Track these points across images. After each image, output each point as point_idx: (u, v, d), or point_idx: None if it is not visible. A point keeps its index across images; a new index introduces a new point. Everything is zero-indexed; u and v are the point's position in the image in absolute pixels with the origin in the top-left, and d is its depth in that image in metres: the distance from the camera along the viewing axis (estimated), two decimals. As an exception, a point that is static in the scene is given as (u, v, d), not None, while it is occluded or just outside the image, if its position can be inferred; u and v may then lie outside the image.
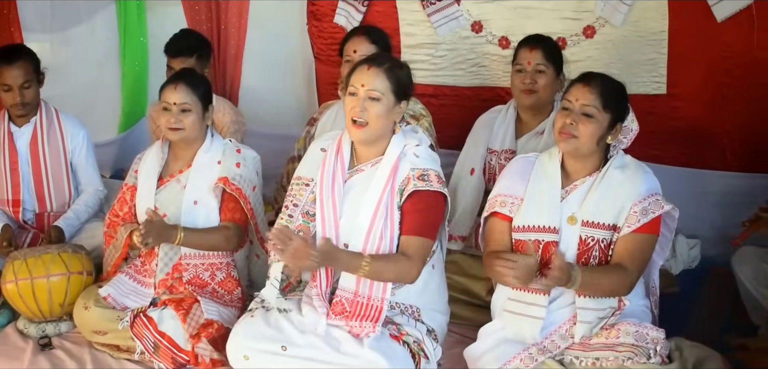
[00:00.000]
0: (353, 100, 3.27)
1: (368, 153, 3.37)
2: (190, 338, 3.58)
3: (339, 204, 3.34)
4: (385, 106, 3.25)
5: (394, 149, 3.32)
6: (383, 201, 3.26)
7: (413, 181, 3.25)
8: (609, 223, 3.22)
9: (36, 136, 4.50)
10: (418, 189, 3.25)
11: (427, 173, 3.28)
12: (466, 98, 5.06)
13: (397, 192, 3.28)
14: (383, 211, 3.25)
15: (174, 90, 3.80)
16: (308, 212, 3.40)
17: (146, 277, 3.87)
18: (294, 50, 5.61)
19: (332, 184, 3.36)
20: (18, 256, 3.91)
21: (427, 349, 3.27)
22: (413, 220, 3.24)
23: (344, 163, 3.40)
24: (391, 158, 3.31)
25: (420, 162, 3.31)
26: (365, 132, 3.27)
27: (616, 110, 3.25)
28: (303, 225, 3.37)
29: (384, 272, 3.18)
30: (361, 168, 3.38)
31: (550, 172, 3.35)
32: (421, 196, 3.25)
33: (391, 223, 3.26)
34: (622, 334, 3.13)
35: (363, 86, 3.25)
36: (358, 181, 3.36)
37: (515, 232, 3.33)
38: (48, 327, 3.91)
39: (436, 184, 3.26)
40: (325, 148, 3.48)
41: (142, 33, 5.92)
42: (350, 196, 3.35)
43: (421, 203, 3.25)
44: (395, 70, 3.30)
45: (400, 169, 3.30)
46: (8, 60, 4.34)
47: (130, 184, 4.01)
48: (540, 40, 4.14)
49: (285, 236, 3.03)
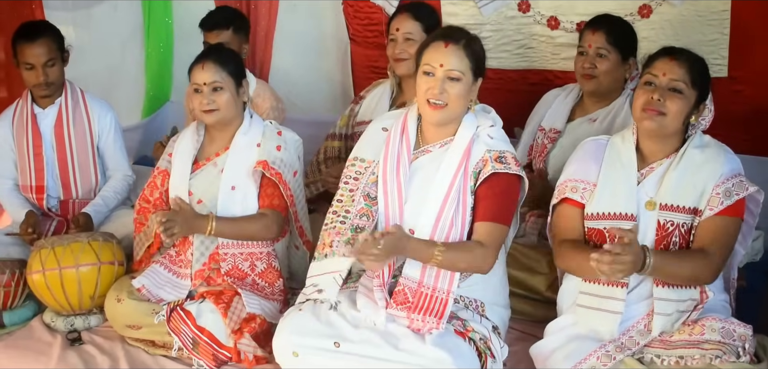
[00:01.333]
0: (430, 80, 3.07)
1: (438, 133, 3.19)
2: (231, 334, 3.39)
3: (404, 187, 3.16)
4: (465, 85, 3.09)
5: (467, 130, 3.14)
6: (455, 185, 3.08)
7: (491, 164, 3.08)
8: (689, 206, 3.03)
9: (61, 118, 4.32)
10: (496, 171, 3.06)
11: (504, 155, 3.11)
12: (512, 81, 4.84)
13: (471, 175, 3.10)
14: (455, 195, 3.07)
15: (202, 69, 3.61)
16: (369, 195, 3.23)
17: (182, 267, 3.67)
18: (328, 31, 5.41)
19: (397, 165, 3.19)
20: (45, 244, 3.71)
21: (494, 347, 3.09)
22: (489, 206, 3.07)
23: (410, 144, 3.23)
24: (464, 140, 3.13)
25: (495, 143, 3.13)
26: (444, 113, 3.09)
27: (702, 88, 3.08)
28: (365, 208, 3.20)
29: (457, 261, 3.00)
30: (428, 149, 3.20)
31: (624, 155, 3.16)
32: (499, 179, 3.08)
33: (463, 209, 3.08)
34: (708, 331, 2.92)
35: (442, 66, 3.05)
36: (425, 163, 3.18)
37: (588, 220, 3.14)
38: (77, 320, 3.72)
39: (514, 167, 3.09)
40: (387, 127, 3.30)
41: (167, 13, 5.73)
42: (417, 179, 3.17)
43: (498, 187, 3.08)
44: (472, 45, 3.13)
45: (473, 150, 3.12)
46: (30, 37, 4.15)
47: (162, 169, 3.82)
48: (604, 21, 3.97)
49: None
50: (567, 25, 4.62)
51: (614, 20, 4.01)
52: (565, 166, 3.31)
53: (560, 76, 4.67)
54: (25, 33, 4.18)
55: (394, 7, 4.91)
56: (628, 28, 4.03)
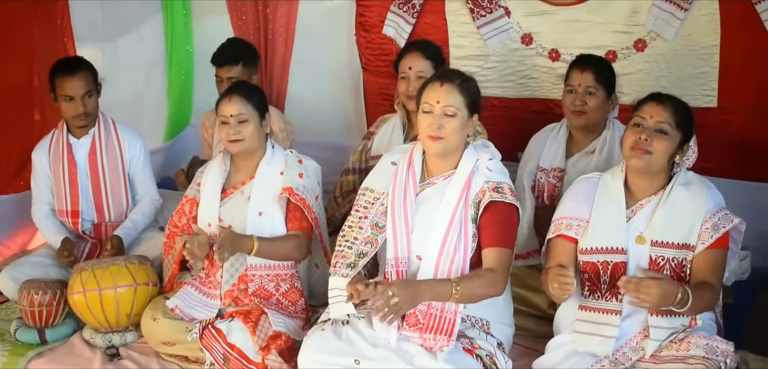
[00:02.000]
0: (429, 117, 3.32)
1: (441, 166, 3.42)
2: (259, 350, 3.62)
3: (411, 217, 3.39)
4: (460, 120, 3.32)
5: (467, 163, 3.38)
6: (457, 214, 3.31)
7: (489, 193, 3.31)
8: (679, 242, 3.27)
9: (94, 147, 4.56)
10: (494, 200, 3.30)
11: (501, 186, 3.34)
12: (516, 110, 5.09)
13: (471, 205, 3.33)
14: (457, 224, 3.30)
15: (229, 102, 3.85)
16: (377, 224, 3.45)
17: (212, 288, 3.92)
18: (341, 60, 5.63)
19: (404, 197, 3.41)
20: (85, 267, 3.95)
21: (499, 362, 3.31)
22: (493, 232, 3.30)
23: (416, 177, 3.46)
24: (465, 172, 3.36)
25: (493, 175, 3.36)
26: (442, 144, 3.32)
27: (686, 130, 3.32)
28: (371, 237, 3.42)
29: (473, 290, 3.22)
30: (433, 181, 3.43)
31: (614, 192, 3.39)
32: (498, 207, 3.31)
33: (465, 236, 3.30)
34: (693, 347, 3.17)
35: (438, 103, 3.31)
36: (430, 195, 3.41)
37: (582, 255, 3.38)
38: (114, 337, 3.95)
39: (510, 197, 3.32)
40: (395, 161, 3.53)
41: (188, 42, 5.98)
42: (422, 210, 3.40)
43: (498, 215, 3.30)
44: (466, 84, 3.38)
45: (473, 182, 3.35)
46: (70, 71, 4.39)
47: (190, 197, 4.06)
48: (591, 61, 4.19)
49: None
50: (567, 57, 4.83)
51: (599, 60, 4.24)
52: (560, 203, 3.55)
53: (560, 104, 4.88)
54: (63, 67, 4.42)
55: (404, 38, 5.17)
56: (610, 66, 4.25)
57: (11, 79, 4.95)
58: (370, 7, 5.37)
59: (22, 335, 4.01)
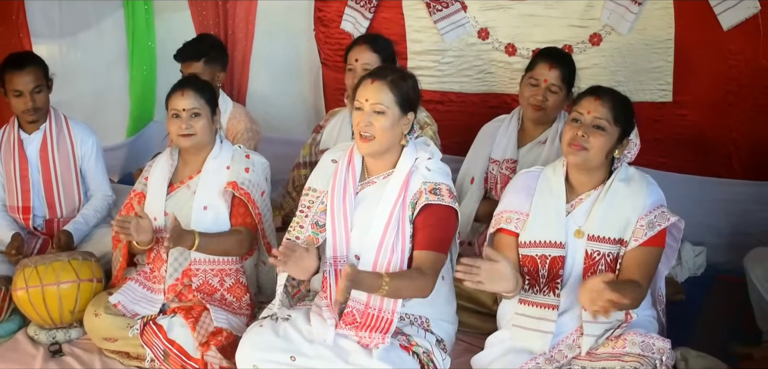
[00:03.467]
0: (359, 114, 3.27)
1: (379, 165, 3.38)
2: (199, 346, 3.60)
3: (350, 216, 3.36)
4: (390, 119, 3.25)
5: (406, 162, 3.32)
6: (395, 214, 3.27)
7: (425, 195, 3.26)
8: (615, 237, 3.24)
9: (46, 142, 4.52)
10: (430, 203, 3.25)
11: (439, 187, 3.29)
12: (473, 105, 5.08)
13: (408, 205, 3.29)
14: (395, 224, 3.26)
15: (182, 96, 3.83)
16: (318, 223, 3.42)
17: (156, 283, 3.90)
18: (301, 55, 5.64)
19: (343, 195, 3.38)
20: (28, 263, 3.93)
21: (436, 359, 3.28)
22: (426, 235, 3.25)
23: (356, 175, 3.41)
24: (403, 171, 3.31)
25: (432, 176, 3.31)
26: (372, 145, 3.27)
27: (625, 124, 3.27)
28: (312, 236, 3.39)
29: (402, 290, 3.17)
30: (373, 180, 3.39)
31: (554, 186, 3.36)
32: (433, 210, 3.26)
33: (402, 236, 3.27)
34: (629, 344, 3.14)
35: (367, 101, 3.25)
36: (369, 194, 3.38)
37: (522, 248, 3.35)
38: (58, 333, 3.93)
39: (447, 199, 3.27)
40: (336, 159, 3.49)
41: (151, 37, 5.96)
42: (361, 209, 3.37)
43: (433, 217, 3.25)
44: (399, 82, 3.30)
45: (411, 182, 3.31)
46: (19, 66, 4.36)
47: (138, 191, 4.04)
48: (560, 59, 4.16)
49: (289, 250, 3.10)
50: (523, 52, 4.88)
51: (567, 59, 4.21)
52: (501, 197, 3.51)
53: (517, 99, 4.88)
54: (13, 62, 4.39)
55: (361, 33, 5.15)
56: (574, 66, 4.20)
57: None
58: (329, 3, 5.37)
59: (-34, 332, 3.98)
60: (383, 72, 3.36)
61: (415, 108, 3.37)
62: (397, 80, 3.30)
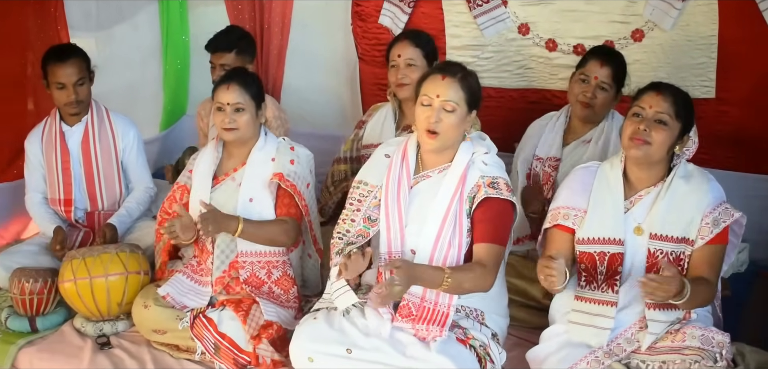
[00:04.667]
0: (427, 110, 3.27)
1: (435, 160, 3.38)
2: (250, 339, 3.61)
3: (405, 211, 3.35)
4: (459, 116, 3.27)
5: (463, 157, 3.33)
6: (452, 209, 3.27)
7: (484, 189, 3.26)
8: (678, 236, 3.23)
9: (87, 135, 4.53)
10: (489, 196, 3.26)
11: (496, 181, 3.29)
12: (512, 100, 5.05)
13: (466, 200, 3.29)
14: (452, 218, 3.26)
15: (227, 90, 3.82)
16: (370, 217, 3.42)
17: (203, 275, 3.90)
18: (337, 50, 5.60)
19: (398, 190, 3.38)
20: (76, 255, 3.93)
21: (493, 353, 3.29)
22: (486, 228, 3.25)
23: (410, 169, 3.41)
24: (460, 166, 3.32)
25: (489, 169, 3.32)
26: (439, 141, 3.28)
27: (686, 120, 3.27)
28: (363, 230, 3.40)
29: (463, 283, 3.17)
30: (428, 174, 3.39)
31: (612, 182, 3.36)
32: (492, 203, 3.26)
33: (459, 231, 3.27)
34: (689, 338, 3.14)
35: (438, 97, 3.25)
36: (424, 188, 3.37)
37: (579, 245, 3.34)
38: (105, 326, 3.93)
39: (505, 192, 3.28)
40: (389, 153, 3.49)
41: (184, 31, 5.95)
42: (416, 203, 3.36)
43: (492, 211, 3.26)
44: (467, 78, 3.32)
45: (468, 176, 3.31)
46: (61, 58, 4.36)
47: (181, 184, 4.04)
48: (612, 57, 4.14)
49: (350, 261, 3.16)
50: (564, 47, 4.85)
51: (619, 58, 4.18)
52: (557, 192, 3.51)
53: (558, 95, 4.90)
54: (55, 54, 4.39)
55: (400, 28, 5.14)
56: (625, 65, 4.18)
57: (4, 68, 4.90)
58: (367, -2, 5.34)
59: (12, 323, 3.98)
60: (453, 68, 3.35)
61: (479, 105, 3.38)
62: (466, 77, 3.32)
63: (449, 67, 3.38)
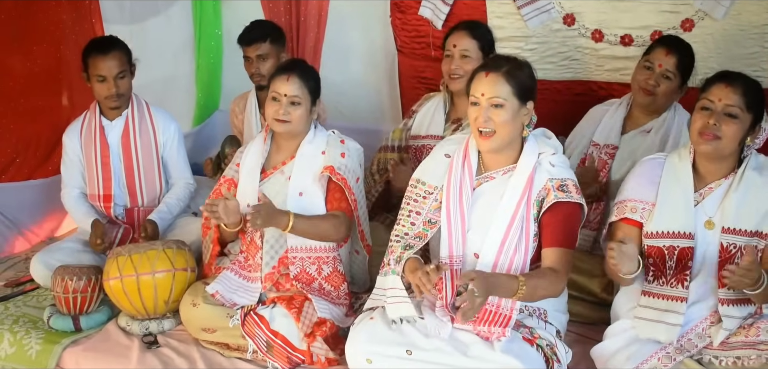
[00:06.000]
0: (476, 110, 3.18)
1: (498, 160, 3.28)
2: (304, 337, 3.52)
3: (467, 214, 3.26)
4: (510, 111, 3.15)
5: (529, 158, 3.22)
6: (519, 213, 3.17)
7: (554, 193, 3.16)
8: (751, 230, 3.13)
9: (127, 129, 4.44)
10: (559, 201, 3.16)
11: (565, 183, 3.19)
12: (557, 92, 4.96)
13: (534, 203, 3.19)
14: (519, 223, 3.16)
15: (286, 81, 3.72)
16: (430, 220, 3.32)
17: (252, 271, 3.81)
18: (375, 43, 5.51)
19: (460, 192, 3.28)
20: (122, 252, 3.84)
21: (560, 352, 3.19)
22: (555, 232, 3.16)
23: (472, 170, 3.31)
24: (527, 168, 3.21)
25: (557, 171, 3.22)
26: (494, 141, 3.18)
27: (757, 110, 3.17)
28: (422, 232, 3.30)
29: (537, 290, 3.08)
30: (492, 176, 3.29)
31: (681, 174, 3.25)
32: (561, 206, 3.17)
33: (526, 235, 3.17)
34: (763, 333, 3.06)
35: (483, 95, 3.15)
36: (488, 190, 3.27)
37: (647, 239, 3.24)
38: (151, 324, 3.84)
39: (575, 195, 3.18)
40: (449, 153, 3.39)
41: (218, 25, 5.87)
42: (479, 205, 3.26)
43: (561, 213, 3.17)
44: (514, 71, 3.19)
45: (536, 179, 3.21)
46: (103, 50, 4.28)
47: (228, 177, 3.96)
48: (679, 46, 4.05)
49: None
50: (611, 38, 4.76)
51: (686, 48, 4.08)
52: (624, 184, 3.40)
53: (604, 86, 4.81)
54: (97, 47, 4.31)
55: (441, 20, 5.05)
56: (693, 57, 4.08)
57: (39, 62, 4.88)
58: (406, -11, 5.25)
59: (56, 322, 3.89)
60: (498, 62, 3.24)
61: (534, 96, 3.26)
62: (513, 70, 3.19)
63: (494, 61, 3.28)
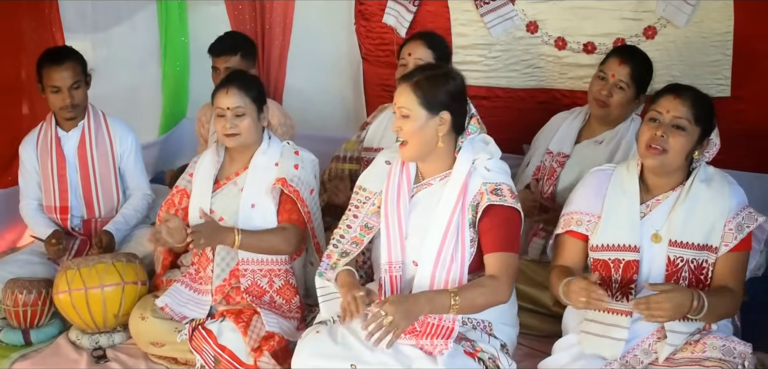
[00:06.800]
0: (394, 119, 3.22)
1: (433, 168, 3.25)
2: (251, 352, 3.49)
3: (405, 220, 3.23)
4: (416, 121, 3.12)
5: (463, 164, 3.18)
6: (454, 219, 3.13)
7: (487, 196, 3.12)
8: (699, 243, 3.09)
9: (84, 140, 4.40)
10: (492, 203, 3.11)
11: (500, 187, 3.15)
12: (521, 100, 4.95)
13: (468, 209, 3.15)
14: (454, 230, 3.12)
15: (226, 94, 3.70)
16: (367, 224, 3.31)
17: (202, 284, 3.78)
18: (340, 50, 5.50)
19: (398, 198, 3.25)
20: (71, 265, 3.81)
21: (502, 364, 3.16)
22: (495, 236, 3.12)
23: (410, 177, 3.29)
24: (461, 173, 3.17)
25: (492, 176, 3.17)
26: (407, 151, 3.18)
27: (706, 124, 3.13)
28: (358, 237, 3.29)
29: (475, 300, 3.04)
30: (430, 182, 3.25)
31: (628, 186, 3.21)
32: (497, 210, 3.12)
33: (462, 243, 3.13)
34: (709, 349, 3.00)
35: (396, 104, 3.17)
36: (425, 197, 3.24)
37: (593, 252, 3.21)
38: (101, 338, 3.81)
39: (509, 200, 3.13)
40: (390, 160, 3.37)
41: (184, 33, 5.85)
42: (417, 212, 3.24)
43: (499, 218, 3.12)
44: (423, 82, 3.14)
45: (470, 184, 3.17)
46: (56, 61, 4.25)
47: (181, 187, 3.92)
48: (633, 56, 4.03)
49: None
50: (574, 45, 4.74)
51: (642, 57, 4.06)
52: (571, 196, 3.37)
53: (567, 95, 4.80)
54: (51, 57, 4.27)
55: (405, 27, 5.04)
56: (650, 67, 4.05)
57: (-2, 72, 4.81)
58: (371, -3, 5.24)
59: (6, 336, 3.88)
60: (411, 73, 3.23)
61: (453, 107, 3.17)
62: (422, 81, 3.15)
63: (411, 72, 3.28)
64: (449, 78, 3.20)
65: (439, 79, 3.17)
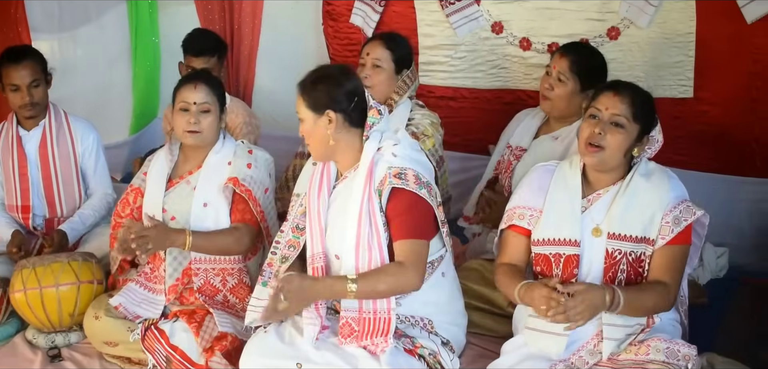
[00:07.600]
0: None
1: (345, 162, 3.28)
2: (203, 352, 3.49)
3: (323, 214, 3.26)
4: (306, 123, 3.23)
5: (368, 154, 3.19)
6: (364, 207, 3.13)
7: (390, 179, 3.12)
8: (638, 236, 3.08)
9: (45, 139, 4.39)
10: (396, 187, 3.12)
11: (404, 172, 3.13)
12: (486, 101, 4.95)
13: (375, 194, 3.15)
14: (366, 218, 3.13)
15: (194, 89, 3.70)
16: (297, 226, 3.34)
17: (156, 283, 3.77)
18: (309, 51, 5.50)
19: (319, 194, 3.29)
20: (26, 264, 3.81)
21: (444, 360, 3.17)
22: (400, 223, 3.12)
23: (331, 175, 3.32)
24: (366, 161, 3.18)
25: (398, 161, 3.16)
26: (311, 152, 3.30)
27: (645, 121, 3.13)
28: (293, 240, 3.33)
29: (377, 287, 3.06)
30: (345, 176, 3.29)
31: (570, 181, 3.21)
32: (402, 195, 3.12)
33: (376, 230, 3.13)
34: (653, 351, 2.98)
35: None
36: (342, 190, 3.27)
37: (535, 246, 3.22)
38: (57, 337, 3.81)
39: (412, 185, 3.11)
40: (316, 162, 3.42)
41: (154, 32, 5.86)
42: (336, 206, 3.27)
43: (404, 204, 3.12)
44: (308, 85, 3.23)
45: (376, 171, 3.17)
46: (15, 60, 4.24)
47: (135, 186, 3.92)
48: (572, 50, 3.98)
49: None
50: (538, 46, 4.75)
51: (584, 50, 4.03)
52: (514, 192, 3.38)
53: (533, 95, 4.75)
54: (9, 56, 4.27)
55: (371, 27, 5.05)
56: (596, 60, 3.98)
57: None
58: (338, -3, 5.24)
59: (-38, 336, 3.86)
60: (303, 79, 3.30)
61: (338, 106, 3.19)
62: (307, 84, 3.25)
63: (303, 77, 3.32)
64: (331, 78, 3.24)
65: (320, 81, 3.22)
